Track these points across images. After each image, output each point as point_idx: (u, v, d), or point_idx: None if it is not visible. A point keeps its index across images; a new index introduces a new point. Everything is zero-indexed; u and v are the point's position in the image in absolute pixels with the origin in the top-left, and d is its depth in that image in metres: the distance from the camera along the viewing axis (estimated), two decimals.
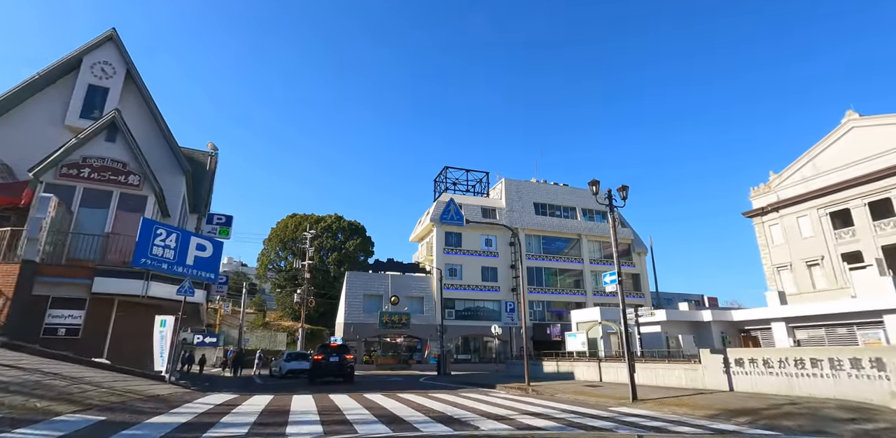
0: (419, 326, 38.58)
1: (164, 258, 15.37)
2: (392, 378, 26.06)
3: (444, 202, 42.26)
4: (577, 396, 12.98)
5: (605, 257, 46.13)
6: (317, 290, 55.61)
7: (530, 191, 46.06)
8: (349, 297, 38.46)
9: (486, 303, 41.77)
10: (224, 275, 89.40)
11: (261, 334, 50.04)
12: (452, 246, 41.86)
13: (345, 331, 37.23)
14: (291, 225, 61.71)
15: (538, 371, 22.18)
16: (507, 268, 42.67)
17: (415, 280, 40.60)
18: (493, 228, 43.19)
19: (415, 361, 39.08)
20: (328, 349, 21.47)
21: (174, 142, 20.86)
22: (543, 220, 44.72)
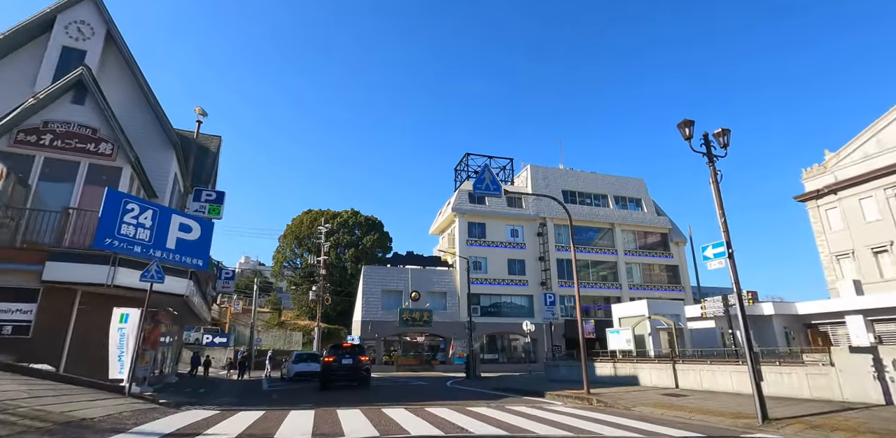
0: (442, 324, 35.40)
1: (137, 239, 12.39)
2: (414, 381, 22.91)
3: (465, 190, 39.08)
4: (665, 411, 9.62)
5: (641, 248, 42.36)
6: (333, 287, 52.96)
7: (558, 177, 42.53)
8: (366, 293, 35.45)
9: (513, 299, 38.39)
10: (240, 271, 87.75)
11: (276, 333, 47.45)
12: (476, 237, 38.57)
13: (362, 330, 34.22)
14: (307, 222, 59.20)
15: (589, 374, 18.72)
16: (535, 261, 39.23)
17: (436, 274, 37.42)
18: (519, 218, 39.81)
19: (438, 361, 35.92)
20: (341, 349, 18.54)
21: (162, 113, 18.01)
22: (573, 209, 41.05)
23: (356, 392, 15.96)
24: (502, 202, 39.90)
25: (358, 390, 17.01)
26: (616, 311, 27.94)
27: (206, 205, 14.78)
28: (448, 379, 24.70)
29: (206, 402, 12.59)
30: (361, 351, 18.34)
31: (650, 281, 41.55)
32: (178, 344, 24.92)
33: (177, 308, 16.38)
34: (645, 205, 43.71)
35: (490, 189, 13.58)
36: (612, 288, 40.14)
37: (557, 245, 39.84)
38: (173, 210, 14.23)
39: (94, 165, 13.97)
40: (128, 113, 17.32)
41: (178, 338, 23.80)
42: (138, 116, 17.58)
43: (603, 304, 40.21)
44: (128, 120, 17.13)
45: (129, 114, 17.36)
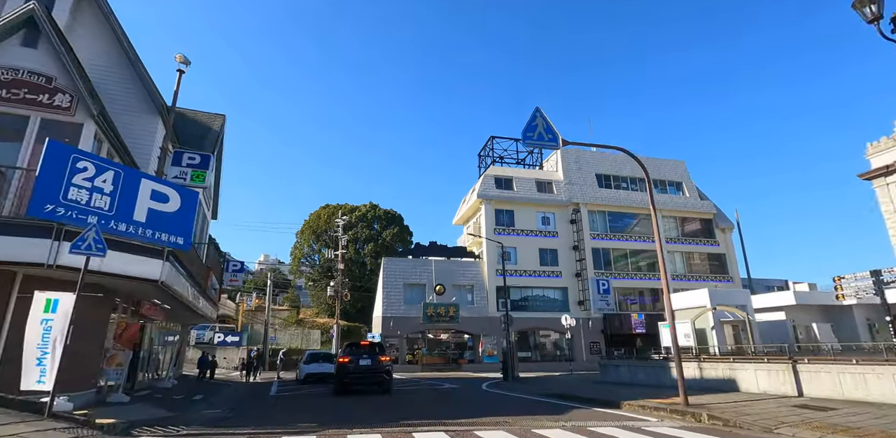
0: (469, 319, 32.24)
1: (93, 207, 9.56)
2: (443, 383, 19.80)
3: (491, 176, 35.86)
4: (829, 435, 6.29)
5: (684, 235, 38.53)
6: (352, 282, 50.28)
7: (590, 161, 38.96)
8: (387, 287, 32.48)
9: (545, 291, 35.00)
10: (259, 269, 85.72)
11: (293, 332, 44.93)
12: (504, 225, 35.27)
13: (383, 327, 31.27)
14: (324, 216, 56.66)
15: (659, 377, 15.40)
16: (568, 250, 35.75)
17: (462, 265, 34.26)
18: (550, 204, 36.38)
19: (465, 360, 32.77)
20: (358, 348, 15.75)
21: (145, 72, 15.25)
22: (608, 194, 37.56)
23: (376, 401, 12.94)
24: (531, 187, 36.51)
25: (378, 397, 14.00)
26: None
27: (187, 171, 11.94)
28: (481, 381, 21.54)
29: (186, 418, 9.67)
30: (381, 351, 15.76)
31: (694, 271, 37.72)
32: (181, 343, 22.27)
33: (160, 298, 13.55)
34: (686, 188, 39.84)
35: (544, 138, 10.36)
36: (652, 278, 36.43)
37: (593, 233, 36.28)
38: (143, 173, 11.36)
39: (47, 121, 11.17)
40: (103, 71, 14.62)
41: (179, 338, 21.10)
42: (116, 74, 14.87)
43: (650, 295, 36.52)
44: (103, 79, 14.42)
45: (104, 72, 14.65)
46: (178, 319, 20.19)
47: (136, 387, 15.24)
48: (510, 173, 37.14)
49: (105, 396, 11.65)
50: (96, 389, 11.18)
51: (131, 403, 11.46)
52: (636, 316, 34.62)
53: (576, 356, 33.52)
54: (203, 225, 23.51)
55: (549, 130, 10.42)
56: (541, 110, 10.48)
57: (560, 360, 33.87)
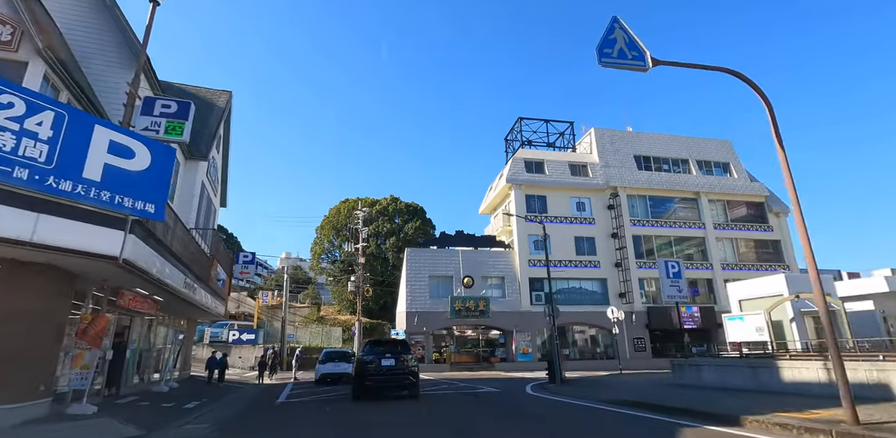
0: (500, 314, 29.40)
1: (21, 156, 7.11)
2: (480, 386, 17.03)
3: (520, 159, 32.92)
4: None
5: (734, 220, 34.93)
6: (374, 277, 47.95)
7: (628, 141, 35.65)
8: (411, 280, 29.85)
9: (582, 283, 31.93)
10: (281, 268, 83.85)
11: (314, 329, 42.76)
12: (536, 212, 32.30)
13: (408, 323, 28.67)
14: (344, 211, 54.53)
15: (761, 380, 12.33)
16: (606, 238, 32.60)
17: (492, 256, 31.42)
18: (585, 189, 33.26)
19: (498, 359, 29.94)
20: (380, 346, 13.72)
21: (124, 20, 12.86)
22: (649, 177, 34.22)
23: (402, 411, 10.29)
24: (564, 170, 33.43)
25: (405, 405, 11.34)
26: (734, 292, 21.17)
27: (160, 121, 9.37)
28: (522, 382, 18.71)
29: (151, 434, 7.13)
30: (406, 349, 13.70)
31: (747, 260, 34.12)
32: (186, 342, 20.00)
33: (141, 285, 11.09)
34: (734, 170, 36.18)
35: (627, 56, 7.48)
36: (700, 267, 33.01)
37: (633, 219, 33.02)
38: (97, 118, 8.83)
39: None
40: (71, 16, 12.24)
41: (183, 336, 18.80)
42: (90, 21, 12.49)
43: (691, 289, 33.10)
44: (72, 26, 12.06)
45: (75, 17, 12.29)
46: (179, 314, 17.89)
47: (123, 392, 12.89)
48: (541, 156, 34.13)
49: (65, 406, 9.22)
50: (51, 398, 8.74)
51: (96, 415, 9.01)
52: (684, 310, 31.37)
53: (618, 353, 30.36)
54: (209, 211, 21.20)
55: (632, 45, 7.55)
56: (620, 20, 7.63)
57: (600, 358, 30.82)
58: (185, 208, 17.60)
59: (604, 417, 9.04)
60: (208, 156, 18.60)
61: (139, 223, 8.71)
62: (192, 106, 9.94)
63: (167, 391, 14.71)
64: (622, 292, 31.41)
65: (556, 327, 18.37)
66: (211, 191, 21.27)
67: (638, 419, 8.51)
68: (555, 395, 13.37)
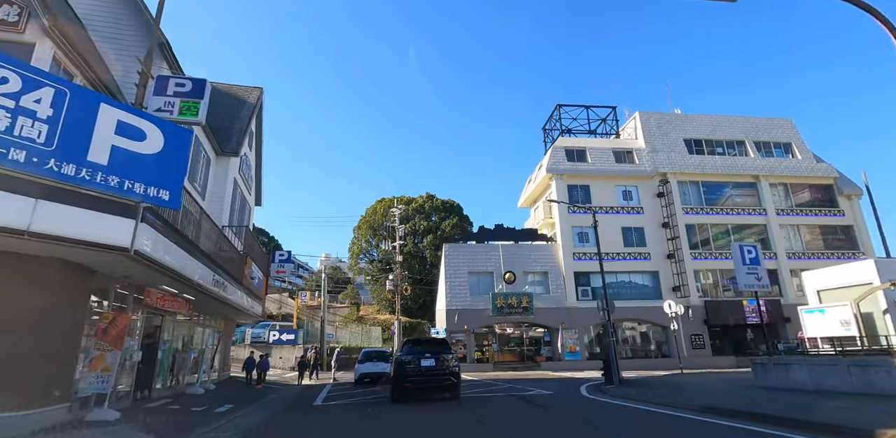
0: (545, 310, 27.91)
1: (18, 136, 6.41)
2: (529, 388, 15.73)
3: (560, 147, 31.31)
4: None
5: (799, 205, 32.11)
6: (412, 276, 47.24)
7: (676, 124, 33.37)
8: (450, 276, 28.76)
9: (632, 277, 30.02)
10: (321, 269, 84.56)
11: (354, 329, 42.36)
12: (579, 202, 30.60)
13: (448, 321, 27.60)
14: (381, 210, 54.20)
15: (872, 381, 10.53)
16: (657, 228, 30.54)
17: (534, 250, 29.94)
18: (632, 176, 31.29)
19: (543, 358, 28.45)
20: (419, 345, 13.17)
21: (144, 6, 12.32)
22: (701, 161, 31.87)
23: (448, 419, 9.21)
24: (608, 157, 31.55)
25: (449, 411, 10.25)
26: (811, 282, 19.00)
27: (174, 101, 8.61)
28: (573, 383, 17.31)
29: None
30: (447, 348, 13.07)
31: (815, 248, 31.27)
32: (223, 343, 19.60)
33: (165, 282, 10.42)
34: (797, 150, 33.26)
35: None
36: (764, 258, 30.38)
37: (685, 206, 30.81)
38: (103, 96, 8.10)
39: None
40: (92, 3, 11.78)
41: (220, 336, 18.36)
42: (109, 5, 12.00)
43: None
44: (92, 12, 11.59)
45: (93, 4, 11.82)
46: (215, 314, 17.43)
47: (155, 395, 12.34)
48: (582, 143, 32.35)
49: (87, 412, 8.59)
50: (68, 403, 8.09)
51: (118, 422, 8.32)
52: (746, 303, 29.02)
53: (672, 351, 28.34)
54: (243, 209, 20.78)
55: None
56: None
57: (653, 356, 28.86)
58: (216, 205, 17.12)
59: (699, 431, 7.60)
60: (240, 152, 18.10)
61: (153, 211, 7.95)
62: (207, 83, 9.13)
63: (202, 393, 14.16)
64: (676, 285, 29.30)
65: (611, 322, 16.85)
66: (245, 188, 20.85)
67: (743, 433, 7.03)
68: (619, 399, 11.95)
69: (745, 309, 28.99)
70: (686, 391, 12.54)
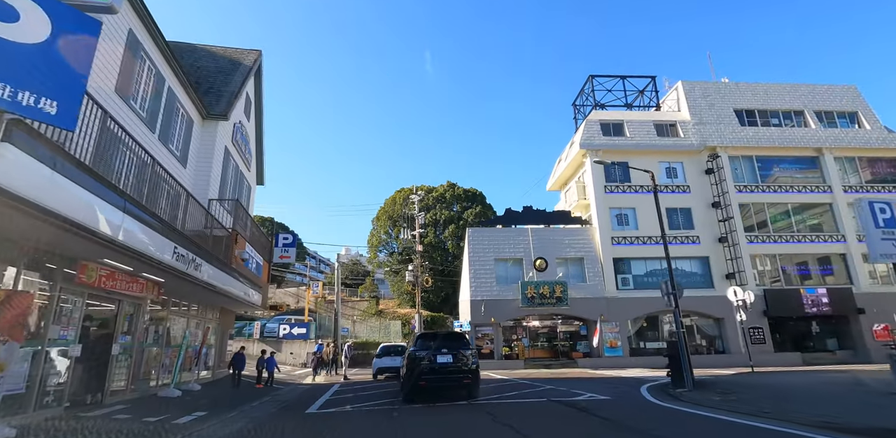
0: (581, 301, 24.74)
1: None
2: (575, 392, 12.67)
3: (595, 121, 28.02)
4: None
5: (870, 181, 28.12)
6: (434, 266, 44.51)
7: (725, 94, 29.65)
8: (474, 263, 25.81)
9: (678, 263, 26.48)
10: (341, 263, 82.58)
11: (373, 323, 39.84)
12: (616, 181, 27.30)
13: (472, 312, 24.68)
14: (400, 200, 51.60)
15: None
16: (706, 208, 27.00)
17: (567, 234, 26.74)
18: (676, 151, 27.79)
19: (580, 354, 25.30)
20: (434, 340, 11.55)
21: None
22: (755, 133, 28.15)
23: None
24: (649, 131, 28.09)
25: (481, 426, 7.34)
26: None
27: None
28: (627, 384, 14.21)
29: None
30: (464, 343, 11.63)
31: None
32: (220, 337, 17.10)
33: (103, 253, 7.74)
34: (864, 119, 29.18)
35: None
36: (828, 240, 26.62)
37: (738, 184, 27.20)
38: None
39: None
40: None
41: (203, 329, 15.81)
42: None
43: (821, 268, 26.89)
44: None
45: None
46: (199, 301, 14.85)
47: (109, 401, 9.74)
48: (619, 116, 28.94)
49: None
50: None
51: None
52: (803, 292, 25.33)
53: (729, 346, 24.88)
54: (239, 184, 18.22)
55: None
56: None
57: (705, 352, 25.37)
58: (202, 175, 14.58)
59: None
60: (229, 115, 15.48)
61: (29, 128, 5.21)
62: None
63: (177, 396, 11.57)
64: (730, 272, 25.75)
65: (679, 310, 13.72)
66: (241, 162, 18.29)
67: None
68: (707, 410, 8.84)
69: (803, 299, 25.30)
70: (792, 398, 9.36)
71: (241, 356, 15.35)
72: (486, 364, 23.62)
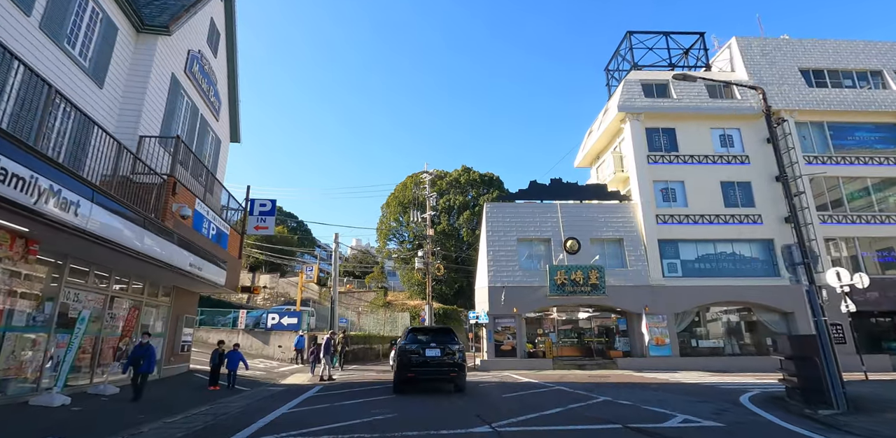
0: (620, 290, 20.34)
1: None
2: (658, 415, 8.32)
3: (635, 81, 23.58)
4: None
5: None
6: (446, 252, 40.38)
7: (787, 52, 24.87)
8: (493, 243, 21.54)
9: (735, 246, 21.95)
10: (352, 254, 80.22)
11: (379, 316, 35.85)
12: (660, 150, 22.80)
13: (491, 302, 20.42)
14: (411, 186, 47.38)
15: None
16: (768, 182, 22.37)
17: (604, 211, 22.30)
18: (732, 116, 23.16)
19: (619, 352, 20.90)
20: (424, 334, 12.04)
21: None
22: (826, 95, 23.36)
23: None
24: (700, 92, 23.48)
25: None
26: None
27: None
28: (712, 394, 9.86)
29: None
30: (453, 339, 11.74)
31: None
32: (173, 325, 13.12)
33: None
34: None
35: None
36: None
37: (807, 155, 22.49)
38: None
39: None
40: None
41: (135, 312, 11.82)
42: None
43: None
44: None
45: None
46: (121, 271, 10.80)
47: None
48: (663, 76, 24.36)
49: None
50: None
51: None
52: None
53: None
54: (201, 135, 14.20)
55: None
56: None
57: (765, 352, 20.72)
58: (130, 102, 10.60)
59: None
60: (173, 29, 11.44)
61: None
62: None
63: (60, 405, 7.60)
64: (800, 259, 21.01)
65: (815, 288, 9.34)
66: (203, 104, 14.26)
67: None
68: None
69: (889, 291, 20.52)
70: None
71: (218, 352, 11.48)
72: (508, 363, 19.37)
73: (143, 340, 8.90)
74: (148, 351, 8.75)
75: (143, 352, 8.63)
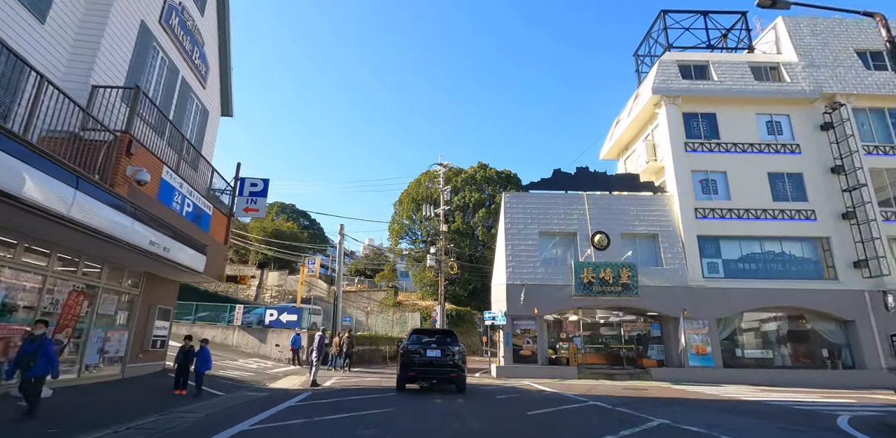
0: (655, 291, 17.91)
1: None
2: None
3: (671, 61, 21.26)
4: None
5: None
6: (459, 250, 38.21)
7: (840, 32, 22.28)
8: (512, 237, 19.30)
9: (785, 245, 19.37)
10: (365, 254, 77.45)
11: (390, 316, 33.78)
12: (699, 137, 20.39)
13: (509, 302, 18.16)
14: (425, 182, 45.23)
15: None
16: (822, 174, 19.74)
17: (636, 203, 19.92)
18: (780, 100, 20.63)
19: (653, 361, 18.43)
20: (427, 335, 12.61)
21: None
22: (887, 79, 20.71)
23: None
24: (745, 73, 21.00)
25: None
26: None
27: None
28: (789, 418, 7.47)
29: None
30: (454, 341, 12.09)
31: None
32: (139, 318, 11.18)
33: None
34: None
35: None
36: None
37: (866, 144, 19.85)
38: None
39: None
40: None
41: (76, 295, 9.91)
42: None
43: None
44: None
45: None
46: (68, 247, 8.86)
47: None
48: (704, 58, 21.94)
49: None
50: None
51: None
52: None
53: (862, 359, 17.56)
54: (182, 99, 12.32)
55: None
56: None
57: (820, 366, 18.06)
58: (83, 45, 8.73)
59: None
60: None
61: None
62: None
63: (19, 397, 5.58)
64: (859, 259, 18.40)
65: None
66: (184, 64, 12.32)
67: None
68: None
69: None
70: None
71: (185, 351, 9.45)
72: (528, 370, 17.08)
73: (36, 331, 6.45)
74: (42, 346, 6.33)
75: (34, 348, 6.26)
